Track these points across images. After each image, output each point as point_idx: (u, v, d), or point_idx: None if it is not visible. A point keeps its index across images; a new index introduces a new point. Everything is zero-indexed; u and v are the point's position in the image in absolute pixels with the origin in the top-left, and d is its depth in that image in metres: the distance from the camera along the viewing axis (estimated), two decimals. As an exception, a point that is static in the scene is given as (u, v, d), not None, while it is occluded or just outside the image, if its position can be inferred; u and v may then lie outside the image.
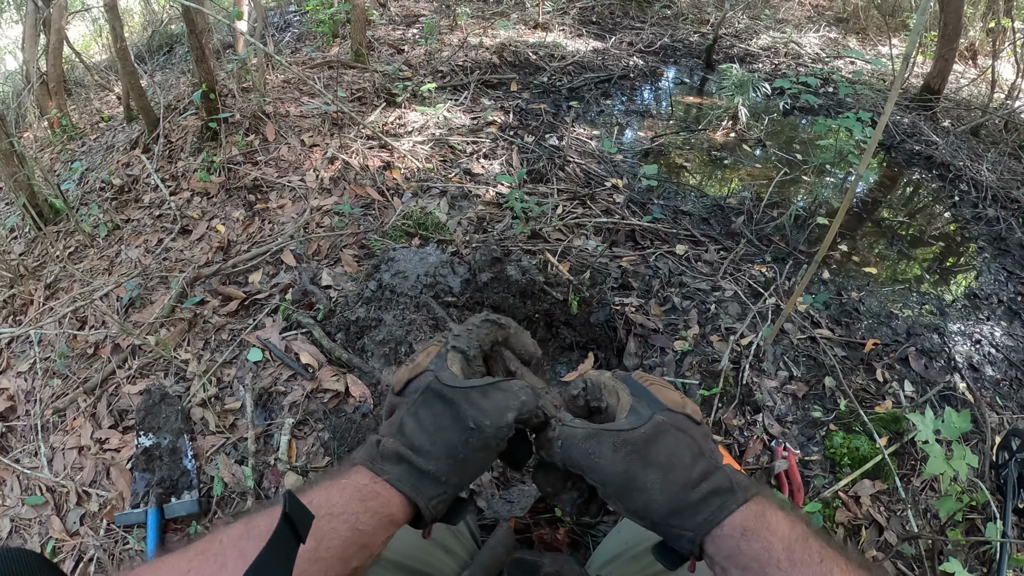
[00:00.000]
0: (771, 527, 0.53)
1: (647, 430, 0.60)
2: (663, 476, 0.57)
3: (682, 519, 0.56)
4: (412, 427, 0.62)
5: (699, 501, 0.56)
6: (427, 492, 0.59)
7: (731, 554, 0.53)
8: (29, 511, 1.58)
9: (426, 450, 0.61)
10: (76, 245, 2.60)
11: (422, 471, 0.60)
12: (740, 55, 4.71)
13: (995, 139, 3.85)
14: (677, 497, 0.56)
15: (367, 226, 2.42)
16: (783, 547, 0.51)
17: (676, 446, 0.59)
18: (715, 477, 0.58)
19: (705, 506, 0.56)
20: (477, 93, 3.59)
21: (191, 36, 2.71)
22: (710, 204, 2.86)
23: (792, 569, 0.50)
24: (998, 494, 1.68)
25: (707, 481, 0.57)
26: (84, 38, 6.68)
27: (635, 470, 0.58)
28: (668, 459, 0.58)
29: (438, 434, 0.61)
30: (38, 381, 1.94)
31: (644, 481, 0.58)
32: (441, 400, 0.62)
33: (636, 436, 0.60)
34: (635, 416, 0.62)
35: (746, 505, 0.55)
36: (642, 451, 0.59)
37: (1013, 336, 2.36)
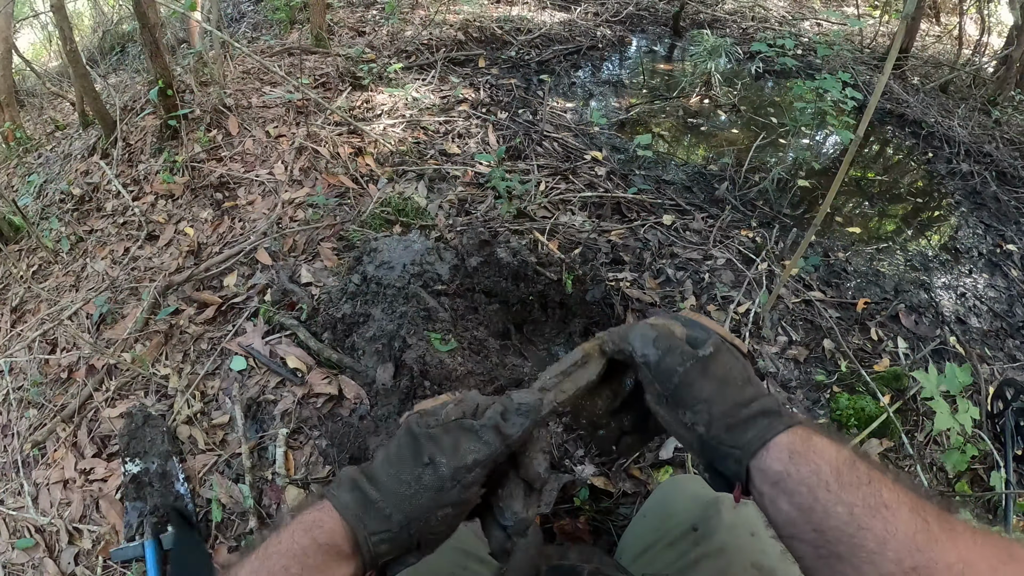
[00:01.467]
0: (818, 450, 0.53)
1: (711, 345, 0.62)
2: (719, 388, 0.59)
3: (731, 435, 0.57)
4: (380, 458, 0.60)
5: (748, 419, 0.56)
6: (370, 525, 0.55)
7: (778, 479, 0.53)
8: (20, 555, 1.49)
9: (380, 481, 0.58)
10: (39, 263, 2.45)
11: (370, 500, 0.56)
12: (707, 20, 4.66)
13: (963, 95, 3.89)
14: (729, 412, 0.57)
15: (344, 216, 2.32)
16: (831, 469, 0.51)
17: (731, 366, 0.61)
18: (765, 400, 0.59)
19: (754, 424, 0.56)
20: (445, 71, 3.48)
21: (143, 31, 2.55)
22: (692, 172, 2.82)
23: (842, 491, 0.49)
24: (997, 442, 1.71)
25: (757, 402, 0.58)
26: (34, 46, 6.36)
27: (694, 378, 0.59)
28: (724, 375, 0.60)
29: (397, 467, 0.58)
30: (13, 413, 1.82)
31: (700, 388, 0.59)
32: (409, 436, 0.60)
33: (703, 347, 0.62)
34: (694, 341, 0.64)
35: (792, 429, 0.55)
36: (704, 363, 0.60)
37: (995, 287, 2.39)
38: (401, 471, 0.57)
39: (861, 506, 0.48)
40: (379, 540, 0.55)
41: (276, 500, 1.45)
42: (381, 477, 0.58)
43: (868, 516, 0.48)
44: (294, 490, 1.46)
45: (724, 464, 0.58)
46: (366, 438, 1.52)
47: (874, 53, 4.25)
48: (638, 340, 0.64)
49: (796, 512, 0.51)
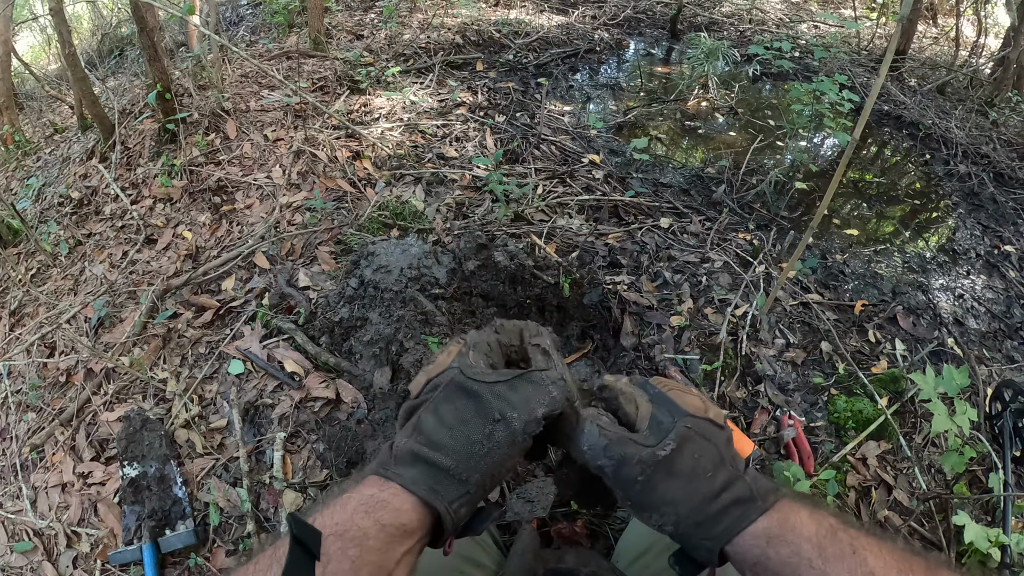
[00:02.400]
0: (796, 529, 0.52)
1: (673, 440, 0.57)
2: (685, 487, 0.56)
3: (702, 530, 0.55)
4: (432, 424, 0.57)
5: (720, 512, 0.55)
6: (448, 494, 0.54)
7: (759, 561, 0.53)
8: (19, 558, 1.48)
9: (446, 445, 0.55)
10: (38, 266, 2.45)
11: (441, 468, 0.54)
12: (705, 23, 4.67)
13: (961, 96, 3.89)
14: (697, 508, 0.55)
15: (341, 220, 2.32)
16: (812, 546, 0.50)
17: (699, 456, 0.58)
18: (736, 487, 0.56)
19: (726, 516, 0.54)
20: (443, 75, 3.48)
21: (142, 35, 2.55)
22: (689, 175, 2.83)
23: (826, 566, 0.49)
24: (995, 444, 1.71)
25: (728, 491, 0.56)
26: (33, 49, 6.36)
27: (657, 481, 0.56)
28: (691, 470, 0.57)
29: (460, 428, 0.56)
30: (12, 416, 1.82)
31: (665, 491, 0.56)
32: (465, 393, 0.58)
33: (663, 447, 0.57)
34: (656, 426, 0.59)
35: (768, 513, 0.54)
36: (667, 463, 0.57)
37: (993, 289, 2.40)
38: (470, 431, 0.56)
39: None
40: (459, 505, 0.55)
41: (274, 504, 1.45)
42: (446, 441, 0.56)
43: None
44: (292, 494, 1.46)
45: (696, 552, 0.57)
46: (363, 442, 1.52)
47: (871, 55, 4.26)
48: (589, 450, 0.59)
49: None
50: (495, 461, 0.56)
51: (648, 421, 0.60)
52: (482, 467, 0.55)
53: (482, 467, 0.55)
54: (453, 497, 0.54)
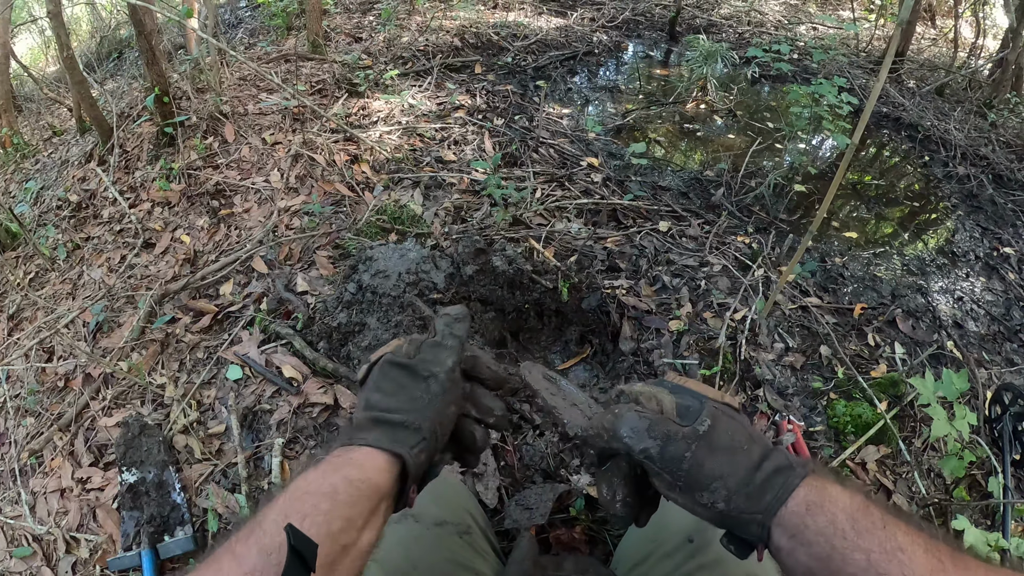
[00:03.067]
0: (833, 499, 0.53)
1: (707, 417, 0.60)
2: (729, 460, 0.57)
3: (751, 502, 0.55)
4: (377, 397, 0.66)
5: (764, 481, 0.56)
6: (408, 441, 0.62)
7: (797, 531, 0.53)
8: (18, 564, 1.48)
9: (395, 407, 0.65)
10: (36, 270, 2.45)
11: (396, 424, 0.63)
12: (703, 25, 4.67)
13: (959, 98, 3.89)
14: (745, 480, 0.56)
15: (339, 224, 2.32)
16: (846, 517, 0.51)
17: (733, 431, 0.59)
18: (774, 456, 0.58)
19: (770, 486, 0.55)
20: (441, 78, 3.48)
21: (140, 38, 2.55)
22: (688, 178, 2.82)
23: (858, 538, 0.50)
24: (994, 447, 1.71)
25: (768, 460, 0.57)
26: (32, 51, 6.36)
27: (703, 457, 0.58)
28: (730, 443, 0.58)
29: (401, 392, 0.66)
30: (10, 421, 1.82)
31: (712, 466, 0.57)
32: (397, 367, 0.69)
33: (702, 424, 0.59)
34: (685, 411, 0.61)
35: (806, 480, 0.55)
36: (707, 439, 0.58)
37: (992, 291, 2.39)
38: (411, 391, 0.66)
39: (878, 551, 0.48)
40: (419, 450, 0.62)
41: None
42: (394, 404, 0.65)
43: (885, 561, 0.48)
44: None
45: (745, 530, 0.57)
46: (362, 447, 1.52)
47: (870, 57, 4.26)
48: (631, 434, 0.61)
49: (814, 562, 0.51)
50: (438, 409, 0.65)
51: (675, 410, 0.61)
52: (429, 415, 0.64)
53: (429, 415, 0.64)
54: (413, 443, 0.62)
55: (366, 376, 0.72)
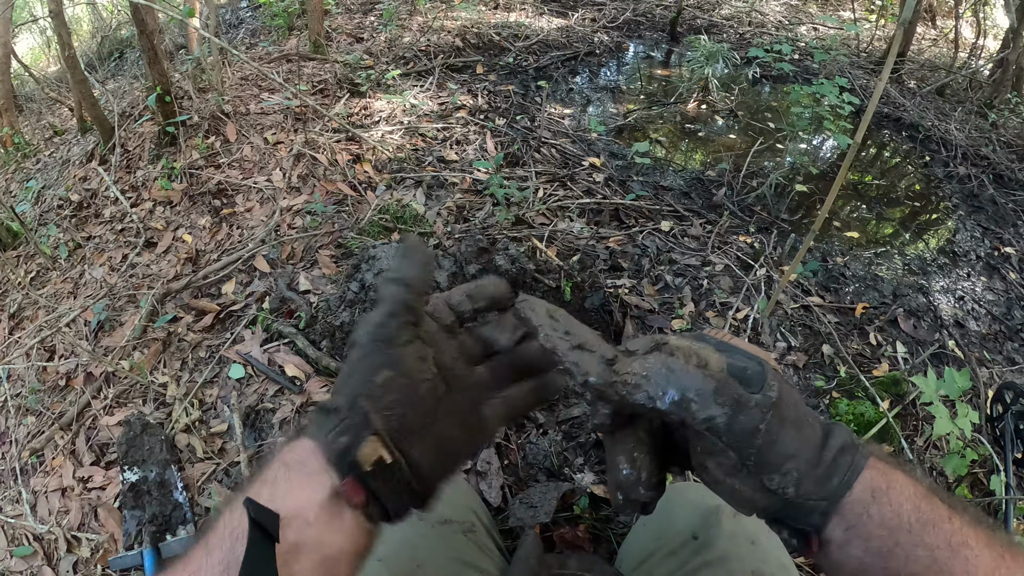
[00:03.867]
0: (899, 486, 0.46)
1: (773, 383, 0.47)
2: (799, 436, 0.47)
3: (819, 486, 0.47)
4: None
5: (832, 462, 0.47)
6: (326, 424, 0.50)
7: (856, 522, 0.46)
8: (19, 563, 1.48)
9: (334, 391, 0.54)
10: (37, 269, 2.45)
11: (323, 407, 0.52)
12: (704, 26, 4.68)
13: (960, 98, 3.90)
14: (815, 460, 0.47)
15: (342, 224, 2.32)
16: (912, 507, 0.45)
17: (796, 401, 0.49)
18: (838, 432, 0.48)
19: (837, 467, 0.46)
20: (443, 78, 3.49)
21: (142, 37, 2.55)
22: (690, 178, 2.83)
23: (923, 532, 0.44)
24: (996, 446, 1.71)
25: (833, 436, 0.48)
26: (33, 51, 6.36)
27: (776, 431, 0.46)
28: (796, 416, 0.48)
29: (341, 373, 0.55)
30: (11, 420, 1.82)
31: (785, 443, 0.47)
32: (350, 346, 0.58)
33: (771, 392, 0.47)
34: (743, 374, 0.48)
35: (871, 463, 0.47)
36: (779, 409, 0.47)
37: (993, 291, 2.40)
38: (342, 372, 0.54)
39: (943, 548, 0.43)
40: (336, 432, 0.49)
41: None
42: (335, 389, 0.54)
43: (950, 558, 0.43)
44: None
45: (807, 520, 0.48)
46: (365, 446, 1.52)
47: (871, 57, 4.27)
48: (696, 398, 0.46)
49: (871, 558, 0.45)
50: (356, 378, 0.51)
51: (727, 371, 0.48)
52: (346, 390, 0.51)
53: (346, 390, 0.51)
54: (329, 426, 0.50)
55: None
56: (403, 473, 0.49)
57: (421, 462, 0.50)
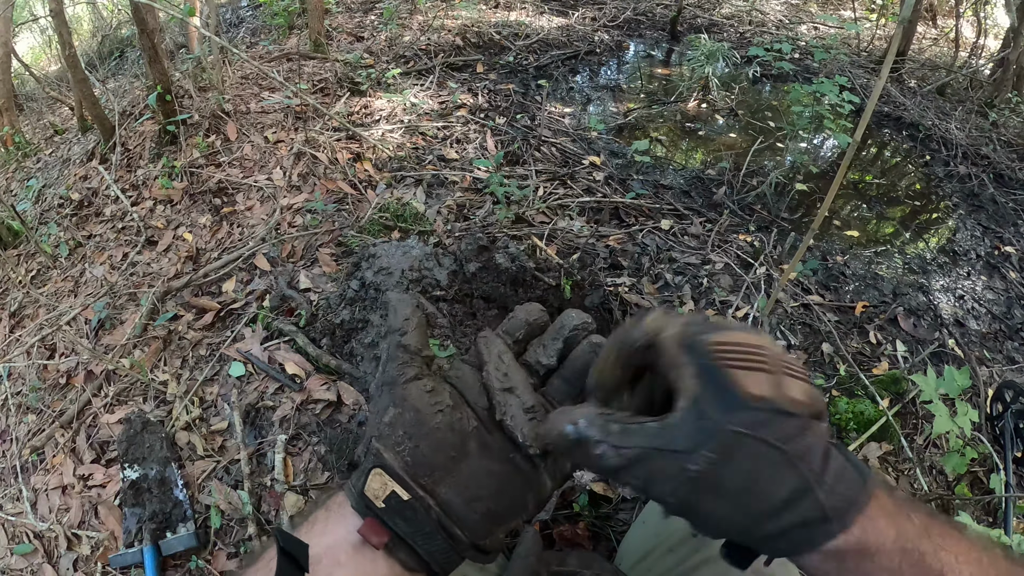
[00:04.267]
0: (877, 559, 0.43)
1: (711, 451, 0.42)
2: (733, 505, 0.44)
3: (756, 543, 0.45)
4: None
5: (778, 534, 0.43)
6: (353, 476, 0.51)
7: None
8: (19, 560, 1.48)
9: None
10: (38, 267, 2.45)
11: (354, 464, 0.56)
12: (705, 25, 4.68)
13: (960, 97, 3.90)
14: (748, 530, 0.44)
15: (342, 222, 2.32)
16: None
17: (754, 467, 0.43)
18: (803, 505, 0.43)
19: (785, 540, 0.44)
20: (443, 77, 3.49)
21: (142, 36, 2.55)
22: (690, 176, 2.83)
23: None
24: (996, 445, 1.71)
25: (790, 511, 0.43)
26: (33, 50, 6.37)
27: (695, 501, 0.44)
28: (741, 486, 0.43)
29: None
30: (12, 418, 1.82)
31: (709, 511, 0.44)
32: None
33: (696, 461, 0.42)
34: (696, 419, 0.43)
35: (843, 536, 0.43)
36: (706, 480, 0.43)
37: (993, 290, 2.40)
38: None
39: None
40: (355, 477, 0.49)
41: (275, 506, 1.45)
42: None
43: None
44: (293, 496, 1.46)
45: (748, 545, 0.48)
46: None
47: (871, 56, 4.27)
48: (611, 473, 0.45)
49: None
50: (370, 426, 0.52)
51: (689, 407, 0.44)
52: (364, 439, 0.51)
53: (364, 439, 0.51)
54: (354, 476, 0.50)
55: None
56: (430, 512, 0.47)
57: (451, 501, 0.48)
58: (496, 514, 0.50)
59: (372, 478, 0.48)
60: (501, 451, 0.51)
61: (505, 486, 0.50)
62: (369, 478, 0.48)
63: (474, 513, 0.48)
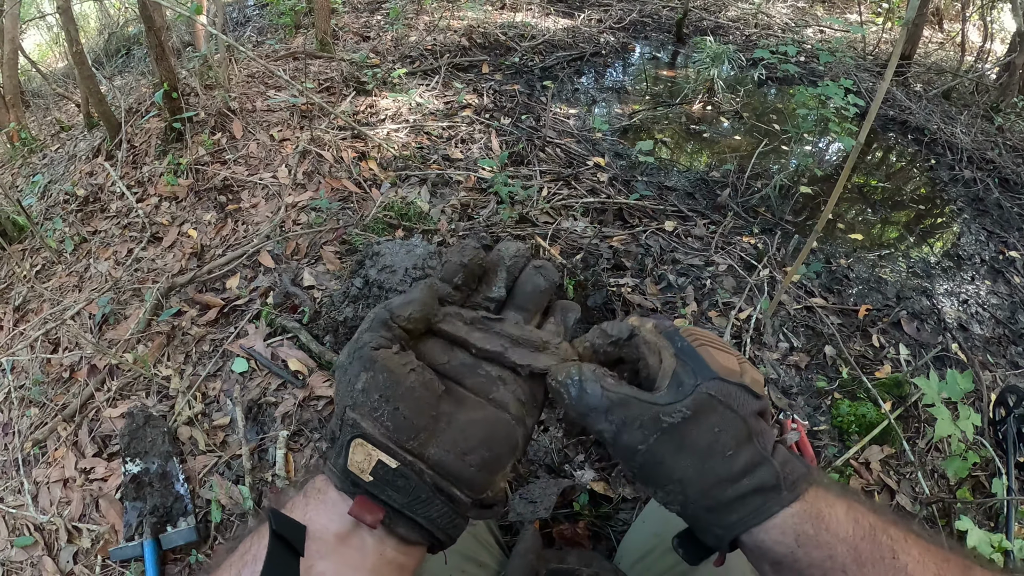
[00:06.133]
0: (832, 527, 0.46)
1: (686, 407, 0.47)
2: (697, 465, 0.47)
3: (714, 516, 0.48)
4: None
5: (735, 499, 0.47)
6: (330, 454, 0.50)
7: (782, 561, 0.46)
8: (19, 553, 1.49)
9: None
10: (43, 262, 2.46)
11: (329, 439, 0.51)
12: (710, 27, 4.68)
13: (966, 102, 3.89)
14: (709, 492, 0.47)
15: (346, 220, 2.33)
16: (848, 548, 0.45)
17: (720, 428, 0.47)
18: (760, 472, 0.47)
19: (742, 506, 0.47)
20: (448, 77, 3.49)
21: (149, 34, 2.56)
22: (694, 178, 2.83)
23: (861, 571, 0.44)
24: (998, 449, 1.70)
25: (750, 476, 0.47)
26: (40, 47, 6.40)
27: (664, 454, 0.47)
28: (708, 445, 0.47)
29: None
30: (14, 411, 1.83)
31: (673, 468, 0.47)
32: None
33: (672, 413, 0.47)
34: (676, 387, 0.48)
35: (798, 504, 0.46)
36: (677, 433, 0.47)
37: (997, 294, 2.39)
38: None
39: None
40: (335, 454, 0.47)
41: (276, 502, 1.45)
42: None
43: None
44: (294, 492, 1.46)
45: (705, 536, 0.50)
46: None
47: (877, 60, 4.26)
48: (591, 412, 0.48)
49: None
50: (341, 396, 0.51)
51: (669, 379, 0.49)
52: (336, 411, 0.50)
53: (336, 411, 0.50)
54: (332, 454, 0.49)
55: None
56: (423, 476, 0.46)
57: (443, 460, 0.47)
58: (492, 461, 0.49)
59: (354, 450, 0.45)
60: (476, 401, 0.51)
61: (492, 430, 0.49)
62: (351, 451, 0.45)
63: (470, 466, 0.48)
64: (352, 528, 0.45)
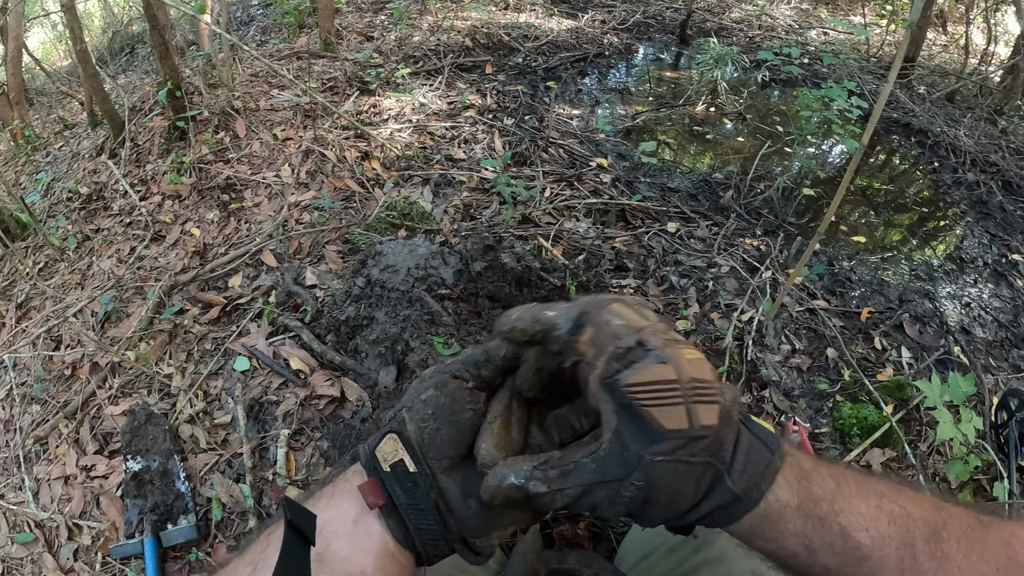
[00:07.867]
0: (779, 525, 0.49)
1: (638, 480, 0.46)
2: (664, 511, 0.49)
3: (685, 528, 0.52)
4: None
5: (700, 518, 0.50)
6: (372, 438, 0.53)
7: (749, 541, 0.52)
8: (20, 549, 1.49)
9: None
10: (46, 260, 2.47)
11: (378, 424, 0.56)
12: (714, 29, 4.67)
13: (970, 104, 3.88)
14: (681, 517, 0.50)
15: (349, 220, 2.33)
16: (798, 540, 0.49)
17: (676, 482, 0.47)
18: (717, 493, 0.48)
19: (707, 521, 0.50)
20: (452, 77, 3.50)
21: (153, 32, 2.57)
22: (697, 180, 2.82)
23: (812, 556, 0.48)
24: (1000, 453, 1.70)
25: (708, 499, 0.49)
26: (44, 45, 6.43)
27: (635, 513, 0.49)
28: (669, 497, 0.48)
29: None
30: (16, 408, 1.83)
31: (646, 517, 0.49)
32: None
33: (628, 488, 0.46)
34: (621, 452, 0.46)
35: (756, 509, 0.48)
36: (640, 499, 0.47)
37: (1000, 298, 2.38)
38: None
39: (836, 566, 0.48)
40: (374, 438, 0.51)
41: (276, 500, 1.46)
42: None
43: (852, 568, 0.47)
44: (295, 491, 1.46)
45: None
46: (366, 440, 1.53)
47: (880, 62, 4.25)
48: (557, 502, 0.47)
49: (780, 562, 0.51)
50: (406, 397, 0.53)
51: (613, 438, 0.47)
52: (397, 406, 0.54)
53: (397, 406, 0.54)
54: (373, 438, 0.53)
55: None
56: (428, 490, 0.48)
57: (449, 490, 0.49)
58: (492, 519, 0.50)
59: (386, 441, 0.50)
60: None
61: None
62: (384, 440, 0.50)
63: (468, 509, 0.49)
64: (364, 512, 0.49)
